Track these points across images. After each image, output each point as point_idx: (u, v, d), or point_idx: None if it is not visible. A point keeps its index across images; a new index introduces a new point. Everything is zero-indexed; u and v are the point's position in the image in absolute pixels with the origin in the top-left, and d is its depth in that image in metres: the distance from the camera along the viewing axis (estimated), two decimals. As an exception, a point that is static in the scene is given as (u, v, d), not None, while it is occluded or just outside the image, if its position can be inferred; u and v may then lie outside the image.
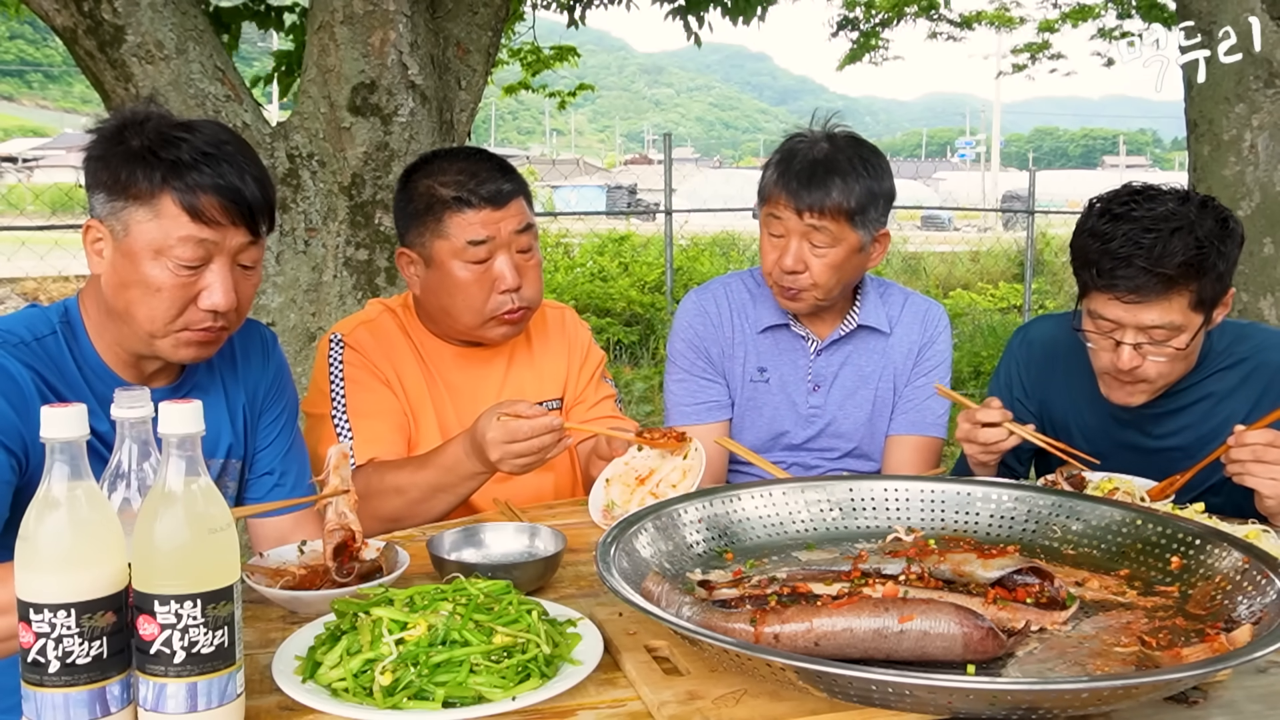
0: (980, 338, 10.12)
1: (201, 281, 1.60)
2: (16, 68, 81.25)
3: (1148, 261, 1.82)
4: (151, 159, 1.56)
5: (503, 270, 2.07)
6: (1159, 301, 1.86)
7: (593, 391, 2.36)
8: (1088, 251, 1.92)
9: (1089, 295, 1.95)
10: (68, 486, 1.04)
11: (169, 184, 1.55)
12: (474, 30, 4.04)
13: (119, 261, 1.59)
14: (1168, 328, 1.88)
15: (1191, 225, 1.84)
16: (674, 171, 8.18)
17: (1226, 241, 1.88)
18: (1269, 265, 4.25)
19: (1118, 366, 1.93)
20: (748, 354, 2.39)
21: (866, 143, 2.27)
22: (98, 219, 1.60)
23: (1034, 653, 1.25)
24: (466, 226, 2.04)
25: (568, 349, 2.35)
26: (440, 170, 2.09)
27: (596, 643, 1.29)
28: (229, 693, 1.08)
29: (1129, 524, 1.57)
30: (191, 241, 1.57)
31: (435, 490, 1.95)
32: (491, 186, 2.06)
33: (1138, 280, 1.84)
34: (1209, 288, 1.88)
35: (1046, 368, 2.24)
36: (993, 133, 61.63)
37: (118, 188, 1.57)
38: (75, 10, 3.39)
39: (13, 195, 10.13)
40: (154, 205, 1.56)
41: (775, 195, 2.21)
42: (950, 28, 11.24)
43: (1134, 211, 1.88)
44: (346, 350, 2.12)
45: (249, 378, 1.87)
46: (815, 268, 2.20)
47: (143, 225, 1.57)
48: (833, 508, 1.70)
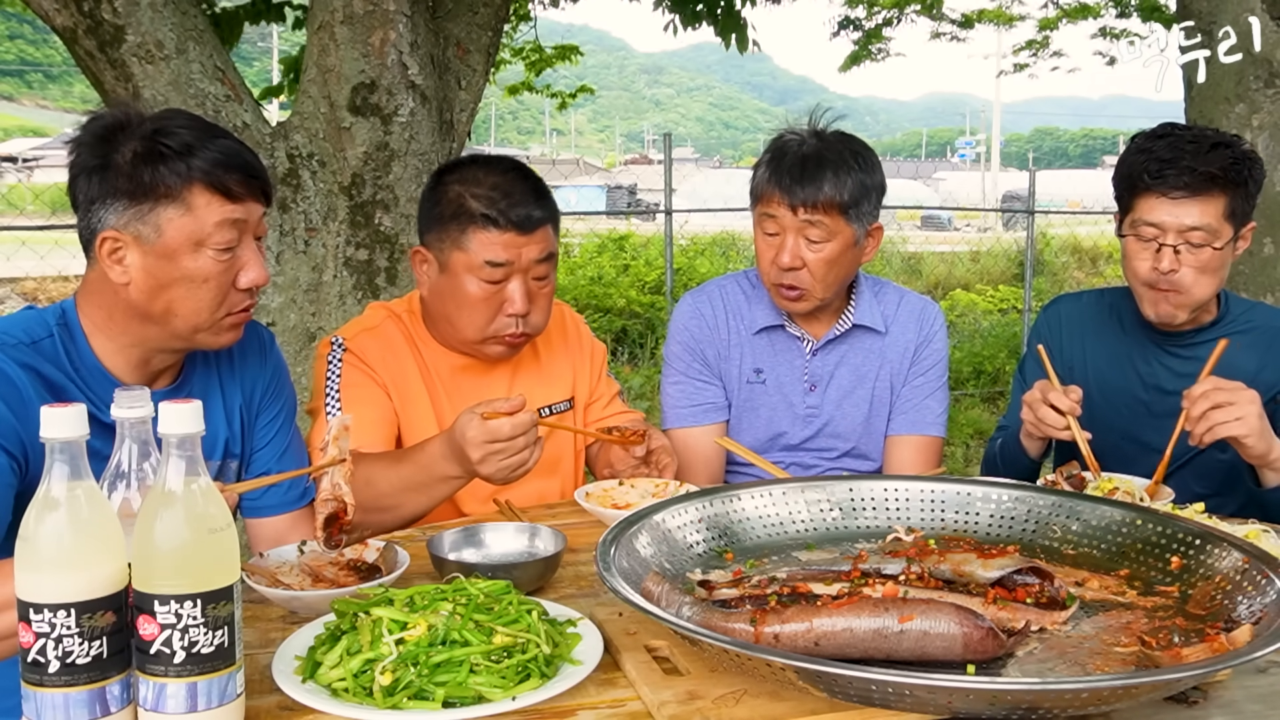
0: (980, 338, 10.11)
1: (237, 262, 1.64)
2: (16, 68, 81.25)
3: (1193, 160, 2.08)
4: (169, 155, 1.56)
5: (514, 294, 2.03)
6: (1199, 200, 2.10)
7: (606, 387, 2.36)
8: (1136, 163, 2.16)
9: (1135, 205, 2.18)
10: (68, 486, 1.04)
11: (194, 174, 1.57)
12: (474, 30, 4.04)
13: (154, 265, 1.58)
14: (1205, 230, 2.10)
15: (1229, 143, 2.13)
16: (674, 171, 8.18)
17: (1255, 167, 2.14)
18: (1269, 265, 4.25)
19: (1157, 270, 2.14)
20: (744, 355, 2.39)
21: (855, 138, 2.28)
22: (114, 229, 1.57)
23: (1034, 653, 1.26)
24: (488, 246, 2.00)
25: (572, 348, 2.34)
26: (475, 180, 2.05)
27: (596, 643, 1.29)
28: (229, 693, 1.08)
29: (1129, 524, 1.57)
30: (227, 224, 1.60)
31: (407, 488, 1.88)
32: (522, 211, 2.01)
33: (1184, 178, 2.09)
34: (1240, 201, 2.12)
35: (1073, 336, 2.43)
36: (993, 133, 61.64)
37: (140, 192, 1.56)
38: (75, 10, 3.39)
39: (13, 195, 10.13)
40: (184, 199, 1.57)
41: (768, 193, 2.21)
42: (952, 27, 11.23)
43: (1177, 130, 2.17)
44: (346, 355, 2.10)
45: (246, 377, 1.86)
46: (812, 263, 2.20)
47: (176, 222, 1.57)
48: (833, 508, 1.70)
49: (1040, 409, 2.05)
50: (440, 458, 1.82)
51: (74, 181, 1.61)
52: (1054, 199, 22.00)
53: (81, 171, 1.60)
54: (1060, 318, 2.48)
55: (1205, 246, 2.11)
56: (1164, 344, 2.31)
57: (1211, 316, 2.28)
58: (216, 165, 1.59)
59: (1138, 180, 2.15)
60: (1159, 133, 2.18)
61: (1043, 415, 2.05)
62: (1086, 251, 16.31)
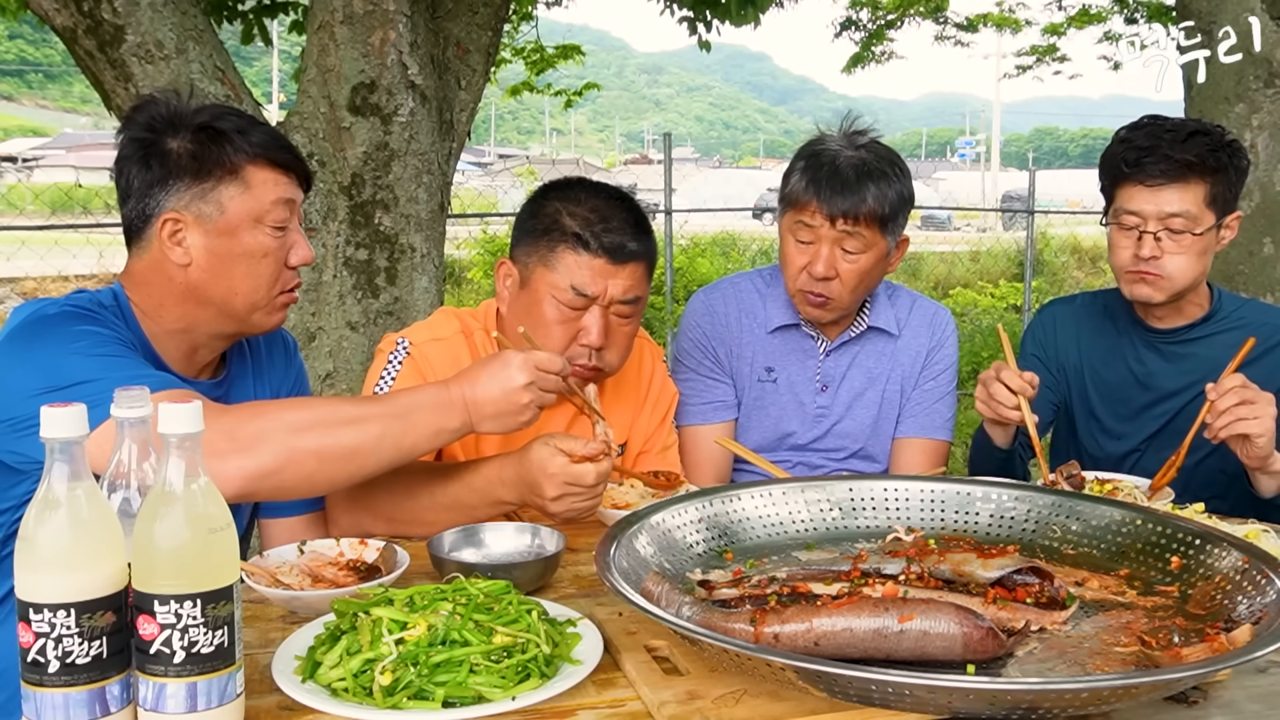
0: (980, 338, 10.10)
1: (288, 241, 1.72)
2: (16, 68, 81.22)
3: (1170, 149, 2.13)
4: (229, 134, 1.64)
5: (590, 325, 1.94)
6: (1178, 187, 2.14)
7: (667, 435, 2.27)
8: (1116, 154, 2.22)
9: (1116, 195, 2.23)
10: (68, 486, 1.04)
11: (253, 150, 1.65)
12: (474, 30, 4.04)
13: (216, 243, 1.65)
14: (1184, 216, 2.15)
15: (1207, 130, 2.17)
16: (674, 171, 8.18)
17: (1236, 155, 2.18)
18: (1269, 265, 4.25)
19: (1138, 256, 2.18)
20: (755, 354, 2.39)
21: (890, 148, 2.26)
22: (175, 210, 1.64)
23: (1034, 653, 1.25)
24: (575, 269, 1.92)
25: (642, 390, 2.25)
26: (575, 199, 1.98)
27: (596, 643, 1.29)
28: (229, 693, 1.08)
29: (1129, 524, 1.57)
30: (281, 202, 1.69)
31: (451, 506, 1.80)
32: (617, 239, 1.93)
33: (1160, 165, 2.14)
34: (1221, 188, 2.16)
35: (1068, 337, 2.47)
36: (993, 132, 61.62)
37: (204, 171, 1.63)
38: (75, 10, 3.39)
39: (13, 195, 10.12)
40: (244, 177, 1.65)
41: (805, 201, 2.17)
42: (956, 31, 11.22)
43: (1157, 121, 2.23)
44: (407, 359, 2.01)
45: (273, 379, 1.90)
46: (845, 274, 2.19)
47: (237, 199, 1.65)
48: (833, 507, 1.70)
49: (993, 385, 2.04)
50: (499, 484, 1.75)
51: (123, 169, 1.66)
52: (1054, 199, 22.00)
53: (134, 157, 1.65)
54: (1055, 320, 2.51)
55: (1185, 233, 2.15)
56: (1158, 341, 2.32)
57: (1203, 312, 2.29)
58: (270, 145, 1.67)
59: (1118, 170, 2.21)
60: (1140, 124, 2.24)
61: (994, 391, 2.04)
62: (1086, 251, 16.31)
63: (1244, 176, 2.22)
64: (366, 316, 3.81)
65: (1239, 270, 4.26)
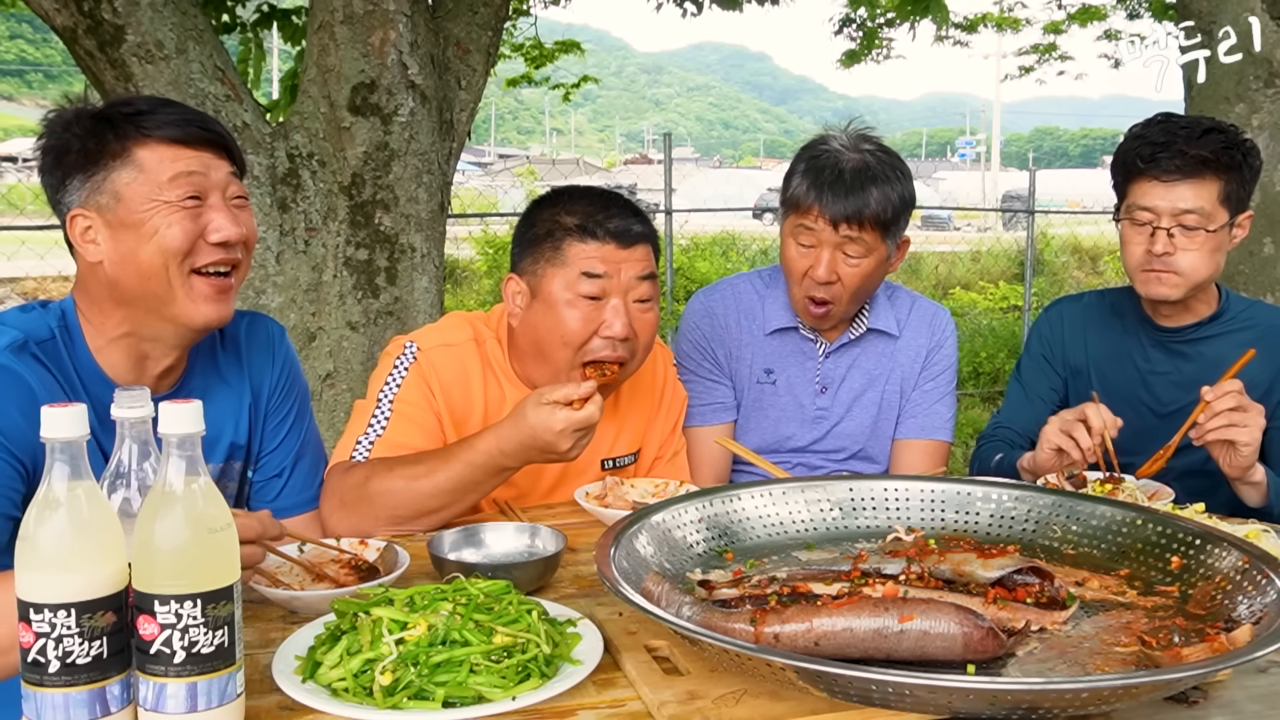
0: (980, 338, 10.10)
1: (204, 218, 1.60)
2: (16, 68, 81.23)
3: (1185, 144, 2.12)
4: (115, 120, 1.57)
5: (613, 318, 1.92)
6: (1192, 183, 2.13)
7: (677, 441, 2.27)
8: (1130, 149, 2.20)
9: (1130, 190, 2.21)
10: (68, 486, 1.04)
11: (141, 130, 1.56)
12: (474, 30, 4.04)
13: (119, 234, 1.57)
14: (1198, 213, 2.13)
15: (1222, 129, 2.16)
16: (674, 171, 8.17)
17: (1249, 153, 2.17)
18: (1269, 265, 4.26)
19: (1151, 253, 2.16)
20: (755, 356, 2.39)
21: (892, 150, 2.25)
22: (78, 207, 1.58)
23: (1034, 653, 1.25)
24: (585, 258, 1.92)
25: (655, 396, 2.24)
26: (569, 202, 1.99)
27: (596, 643, 1.29)
28: (229, 693, 1.08)
29: (1129, 524, 1.57)
30: (182, 176, 1.58)
31: (457, 488, 1.81)
32: (620, 223, 1.95)
33: (1176, 161, 2.12)
34: (1234, 186, 2.15)
35: (1075, 336, 2.45)
36: (993, 132, 61.61)
37: (89, 161, 1.56)
38: (75, 10, 3.39)
39: (13, 195, 10.12)
40: (132, 159, 1.57)
41: (807, 205, 2.16)
42: (956, 31, 11.22)
43: (1172, 118, 2.21)
44: (415, 364, 2.01)
45: (254, 375, 1.84)
46: (847, 278, 2.19)
47: (132, 185, 1.56)
48: (833, 507, 1.70)
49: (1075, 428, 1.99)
50: (500, 455, 1.77)
51: (42, 180, 1.62)
52: (1054, 199, 21.99)
53: (44, 165, 1.61)
54: (1062, 318, 2.49)
55: (1199, 229, 2.13)
56: (1166, 340, 2.31)
57: (1211, 311, 2.29)
58: (163, 123, 1.58)
59: (1132, 165, 2.19)
60: (1154, 120, 2.23)
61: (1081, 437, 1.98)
62: (1087, 251, 16.30)
63: (1256, 176, 2.21)
64: (367, 316, 3.81)
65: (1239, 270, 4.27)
